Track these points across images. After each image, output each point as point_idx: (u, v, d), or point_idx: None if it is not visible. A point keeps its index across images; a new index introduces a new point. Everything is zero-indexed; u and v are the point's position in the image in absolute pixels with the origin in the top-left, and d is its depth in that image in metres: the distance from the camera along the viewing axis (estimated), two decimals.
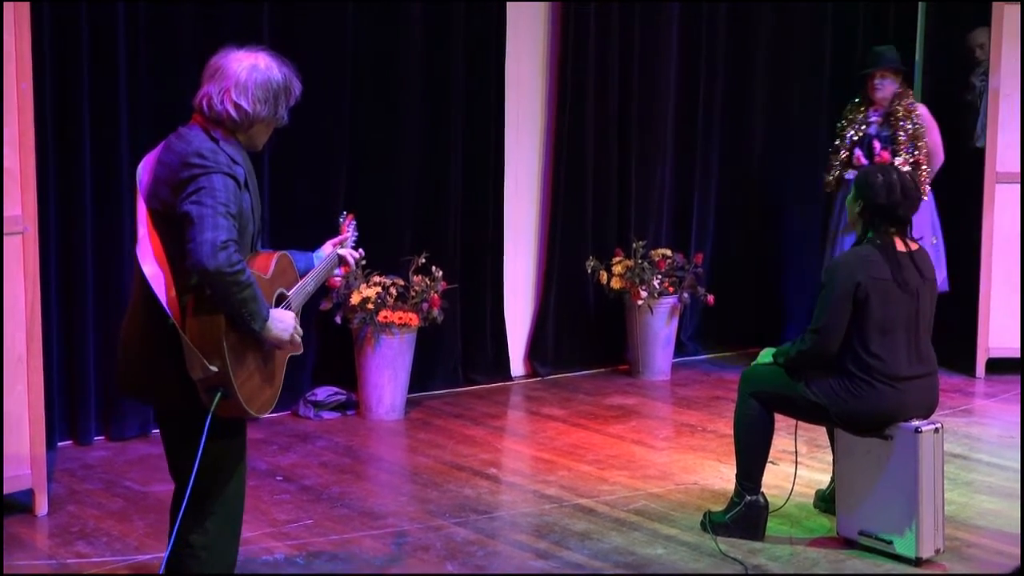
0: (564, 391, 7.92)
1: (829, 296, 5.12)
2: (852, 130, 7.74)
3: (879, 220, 5.19)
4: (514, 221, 8.14)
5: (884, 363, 5.09)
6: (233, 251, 3.69)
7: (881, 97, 7.71)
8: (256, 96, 3.87)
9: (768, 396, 5.32)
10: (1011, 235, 8.22)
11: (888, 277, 5.11)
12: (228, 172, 3.79)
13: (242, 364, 3.84)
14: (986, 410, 7.64)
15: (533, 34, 8.15)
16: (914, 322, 5.17)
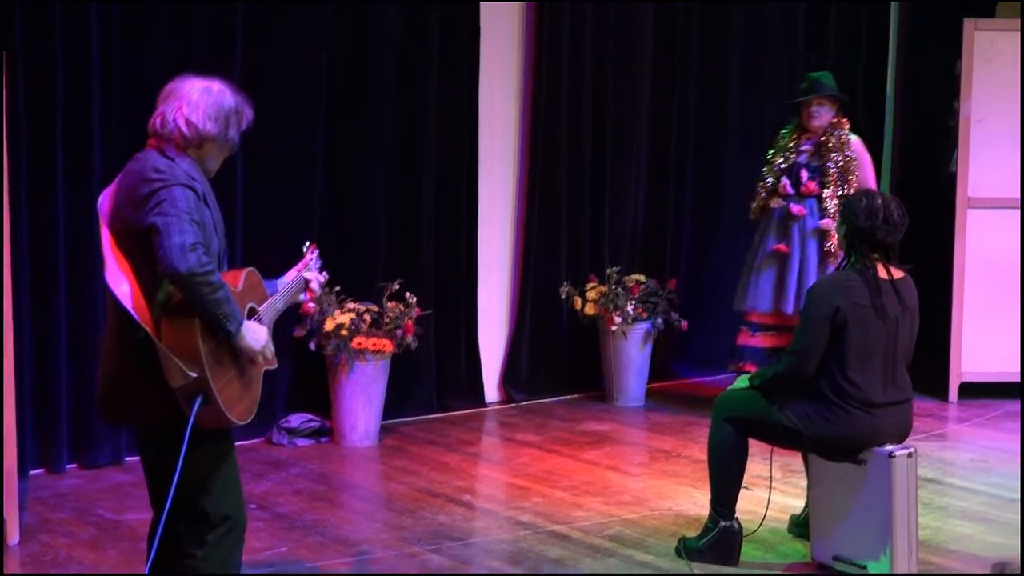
0: (538, 417, 7.93)
1: (808, 319, 5.14)
2: (781, 158, 7.54)
3: (860, 244, 5.19)
4: (488, 247, 8.16)
5: (860, 389, 5.11)
6: (202, 252, 3.79)
7: (817, 125, 7.47)
8: (207, 114, 3.99)
9: (742, 421, 5.33)
10: (983, 260, 8.28)
11: (867, 303, 5.11)
12: (186, 184, 3.89)
13: (221, 370, 3.91)
14: (959, 435, 7.67)
15: (506, 62, 8.18)
16: (891, 350, 5.18)
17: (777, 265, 7.49)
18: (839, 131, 7.46)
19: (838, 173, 7.40)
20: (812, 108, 7.44)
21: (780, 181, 7.49)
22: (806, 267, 7.43)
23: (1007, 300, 8.29)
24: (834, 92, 7.48)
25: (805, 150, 7.51)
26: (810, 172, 7.44)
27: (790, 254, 7.45)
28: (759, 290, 7.54)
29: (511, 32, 8.20)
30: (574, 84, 8.30)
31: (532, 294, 8.26)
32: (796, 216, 7.45)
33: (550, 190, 8.27)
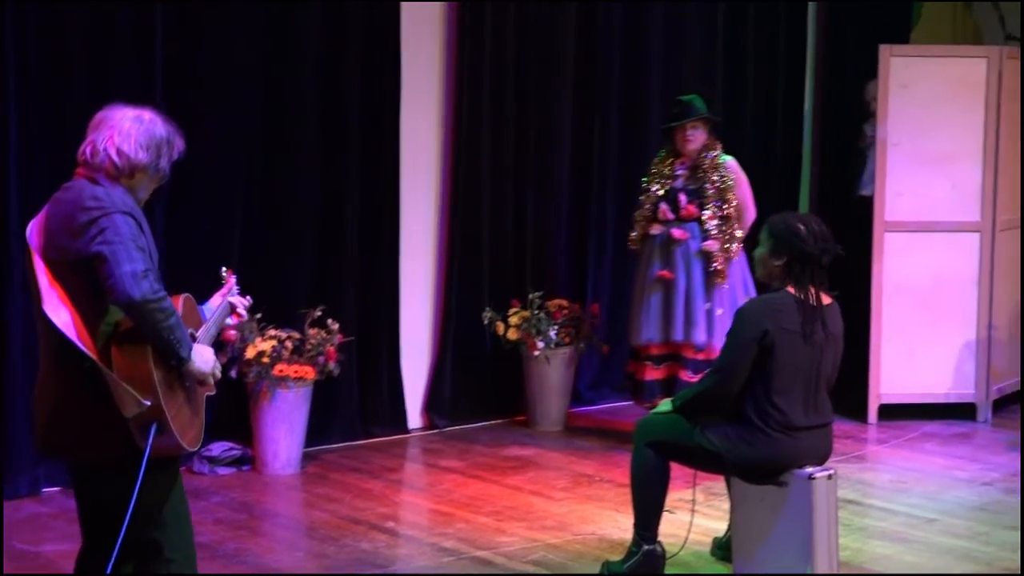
0: (462, 443, 7.92)
1: (735, 339, 5.16)
2: (657, 184, 7.47)
3: (805, 269, 5.17)
4: (410, 272, 8.14)
5: (782, 413, 5.13)
6: (153, 279, 3.78)
7: (692, 149, 7.41)
8: (139, 143, 3.96)
9: (664, 446, 5.35)
10: (900, 283, 8.37)
11: (796, 329, 5.12)
12: (125, 211, 3.87)
13: (172, 397, 3.87)
14: (878, 456, 7.74)
15: (428, 83, 8.18)
16: (815, 375, 5.21)
17: (663, 292, 7.44)
18: (712, 153, 7.43)
19: (716, 194, 7.36)
20: (686, 132, 7.40)
21: (659, 207, 7.44)
22: (692, 291, 7.38)
23: (924, 322, 8.39)
24: (706, 115, 7.44)
25: (681, 174, 7.46)
26: (688, 195, 7.39)
27: (675, 280, 7.40)
28: (650, 320, 7.48)
29: (433, 35, 8.21)
30: (497, 107, 8.30)
31: (455, 319, 8.25)
32: (678, 240, 7.39)
33: (472, 214, 8.27)
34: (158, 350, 3.82)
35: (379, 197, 7.87)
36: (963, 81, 8.33)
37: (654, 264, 7.48)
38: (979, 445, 7.93)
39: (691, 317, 7.37)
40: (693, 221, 7.40)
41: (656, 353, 7.53)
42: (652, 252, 7.49)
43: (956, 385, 8.46)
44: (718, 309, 7.37)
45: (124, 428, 3.81)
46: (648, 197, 7.50)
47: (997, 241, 8.41)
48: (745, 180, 7.54)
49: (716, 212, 7.36)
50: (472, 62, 8.19)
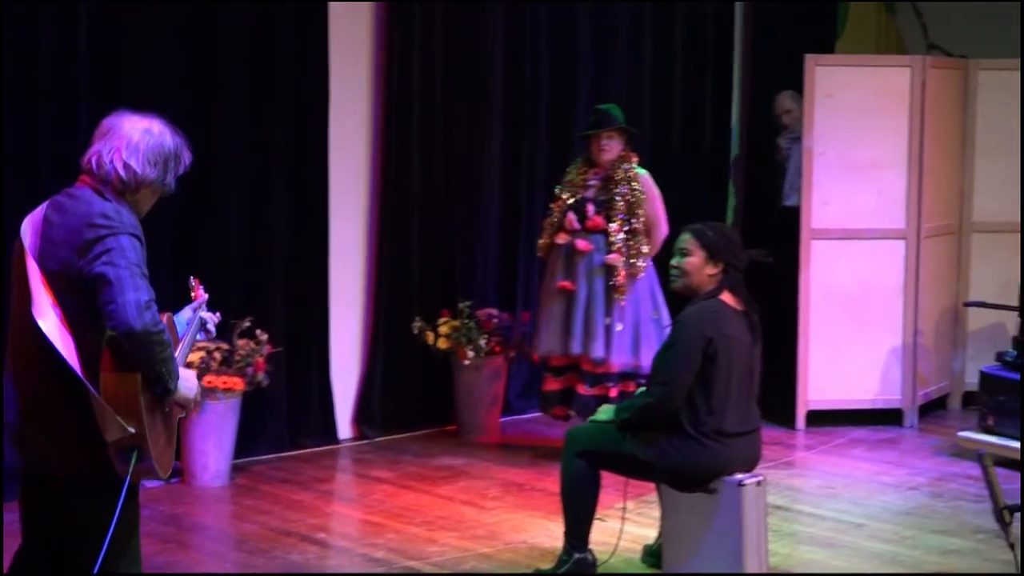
0: (392, 453, 7.88)
1: (679, 350, 5.17)
2: (568, 193, 7.40)
3: (738, 277, 5.28)
4: (340, 283, 8.09)
5: (718, 420, 5.17)
6: (155, 311, 3.69)
7: (606, 159, 7.34)
8: (147, 158, 3.87)
9: (594, 455, 5.37)
10: (827, 291, 8.44)
11: (734, 334, 5.19)
12: (133, 233, 3.78)
13: (153, 424, 3.79)
14: (807, 462, 7.79)
15: (357, 87, 8.15)
16: (747, 380, 5.27)
17: (563, 303, 7.38)
18: (627, 165, 7.36)
19: (625, 207, 7.28)
20: (602, 141, 7.33)
21: (566, 216, 7.36)
22: (593, 305, 7.30)
23: (851, 329, 8.46)
24: (623, 125, 7.37)
25: (592, 184, 7.40)
26: (596, 206, 7.31)
27: (576, 292, 7.34)
28: (550, 331, 7.43)
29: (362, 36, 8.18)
30: (426, 117, 8.29)
31: (385, 329, 8.22)
32: (582, 252, 7.32)
33: (402, 223, 8.24)
34: (147, 378, 3.74)
35: (308, 206, 7.83)
36: (887, 90, 8.43)
37: (557, 274, 7.43)
38: (905, 450, 8.01)
39: (591, 330, 7.30)
40: (599, 233, 7.33)
41: (556, 364, 7.50)
42: (557, 262, 7.44)
43: (883, 391, 8.54)
44: (618, 325, 7.27)
45: (103, 447, 3.71)
46: (558, 205, 7.43)
47: (922, 248, 8.50)
48: (658, 195, 7.45)
49: (623, 225, 7.28)
50: (401, 65, 8.16)
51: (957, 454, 7.75)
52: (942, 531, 6.39)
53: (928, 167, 8.48)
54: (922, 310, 8.56)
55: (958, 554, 6.07)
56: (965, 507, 6.77)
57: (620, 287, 7.26)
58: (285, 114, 7.67)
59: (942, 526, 6.46)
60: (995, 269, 8.82)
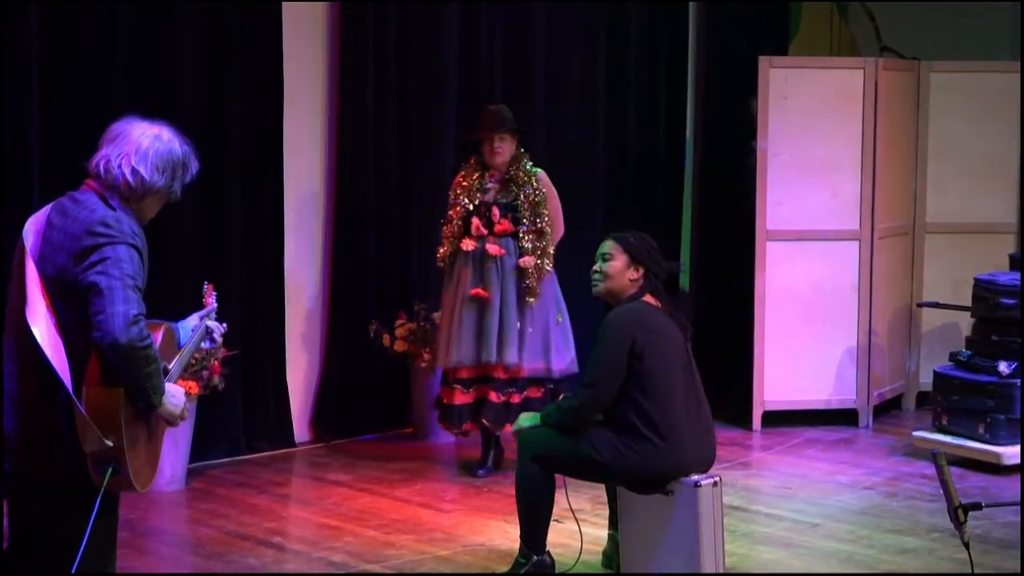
0: (349, 456, 7.86)
1: (603, 351, 5.24)
2: (466, 198, 7.19)
3: (657, 283, 5.39)
4: (296, 284, 8.08)
5: (665, 413, 5.20)
6: (144, 325, 3.67)
7: (500, 161, 7.16)
8: (156, 165, 3.87)
9: (549, 459, 5.38)
10: (781, 292, 8.46)
11: (662, 330, 5.26)
12: (132, 243, 3.76)
13: (134, 440, 3.78)
14: (763, 462, 7.82)
15: (311, 86, 8.13)
16: (689, 373, 5.33)
17: (476, 311, 7.19)
18: (522, 164, 7.23)
19: (530, 208, 7.16)
20: (494, 144, 7.15)
21: (471, 221, 7.17)
22: (508, 310, 7.15)
23: (806, 330, 8.50)
24: (514, 125, 7.22)
25: (492, 187, 7.22)
26: (502, 209, 7.17)
27: (490, 298, 7.17)
28: (462, 341, 7.19)
29: (315, 34, 8.16)
30: (380, 107, 8.24)
31: (341, 331, 8.19)
32: (494, 256, 7.16)
33: (357, 225, 8.21)
34: (130, 391, 3.73)
35: (262, 207, 7.80)
36: (841, 92, 8.47)
37: (465, 282, 7.20)
38: (860, 450, 8.05)
39: (504, 337, 7.14)
40: (507, 236, 7.19)
41: (466, 376, 7.26)
42: (463, 269, 7.21)
43: (838, 391, 8.58)
44: (529, 328, 7.17)
45: (81, 455, 3.70)
46: (456, 212, 7.21)
47: (876, 249, 8.54)
48: (555, 194, 7.36)
49: (531, 227, 7.17)
50: (355, 64, 8.14)
51: (912, 454, 7.79)
52: (897, 530, 6.42)
53: (881, 168, 8.53)
54: (876, 310, 8.60)
55: (913, 553, 6.11)
56: (920, 506, 6.80)
57: (533, 290, 7.16)
58: (238, 113, 7.63)
59: (897, 525, 6.50)
60: (948, 269, 8.87)
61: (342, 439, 8.17)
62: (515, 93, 8.80)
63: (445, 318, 7.34)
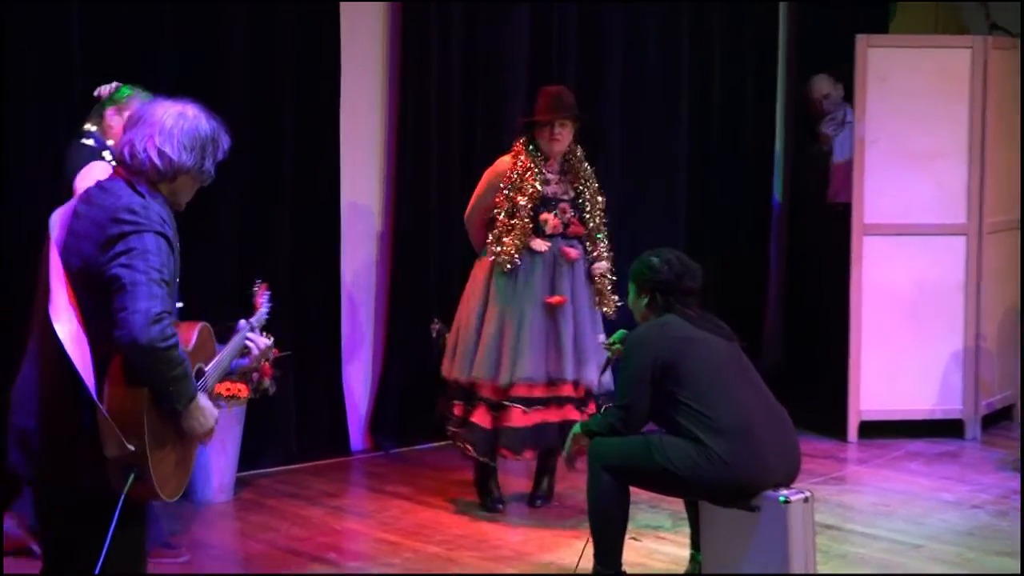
0: (409, 466, 7.88)
1: (627, 372, 5.42)
2: (523, 191, 6.79)
3: (670, 299, 5.53)
4: (352, 280, 8.09)
5: (730, 416, 5.24)
6: (167, 324, 3.67)
7: (559, 150, 6.87)
8: (182, 143, 3.89)
9: (622, 470, 5.40)
10: (880, 291, 8.40)
11: (692, 335, 5.41)
12: (160, 231, 3.78)
13: (160, 444, 3.78)
14: (859, 477, 7.76)
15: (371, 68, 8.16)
16: (747, 378, 5.43)
17: (548, 321, 6.87)
18: (579, 156, 6.97)
19: (593, 206, 6.92)
20: (555, 129, 6.84)
21: (539, 218, 6.83)
22: (582, 320, 6.91)
23: (907, 333, 8.42)
24: (577, 112, 6.94)
25: (552, 179, 6.92)
26: (573, 208, 6.91)
27: (564, 307, 6.87)
28: (533, 355, 6.81)
29: (375, 34, 8.21)
30: (444, 103, 8.27)
31: (401, 331, 8.19)
32: (572, 260, 6.89)
33: (420, 216, 8.21)
34: (154, 394, 3.73)
35: (317, 197, 7.83)
36: (945, 73, 8.39)
37: (532, 287, 6.86)
38: (967, 464, 7.96)
39: (582, 352, 6.89)
40: (578, 238, 6.93)
41: (526, 394, 6.85)
42: (528, 273, 6.85)
43: (942, 400, 8.50)
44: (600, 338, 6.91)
45: (103, 461, 3.72)
46: (520, 204, 6.83)
47: (985, 244, 8.45)
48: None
49: (598, 227, 6.95)
50: (418, 69, 8.17)
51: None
52: (1007, 552, 6.34)
53: (991, 156, 8.43)
54: (984, 311, 8.51)
55: None
56: None
57: (607, 299, 6.95)
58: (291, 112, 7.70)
59: (1007, 547, 6.41)
60: None
61: (401, 447, 8.19)
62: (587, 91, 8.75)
63: (495, 328, 6.86)
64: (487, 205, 6.95)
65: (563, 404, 6.88)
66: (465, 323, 6.96)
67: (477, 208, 7.04)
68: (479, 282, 6.96)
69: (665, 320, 5.47)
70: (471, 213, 7.10)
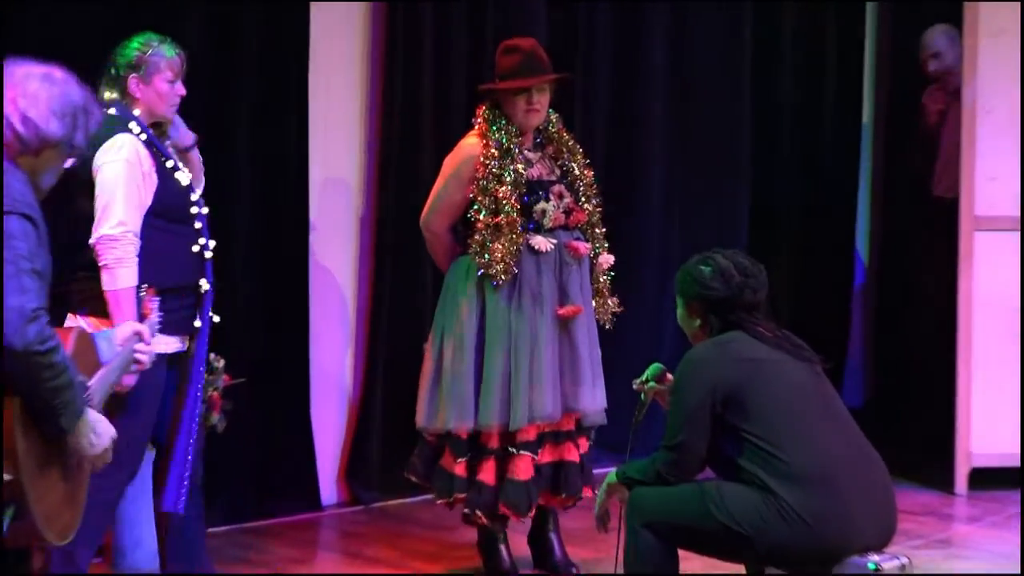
0: (395, 523, 7.91)
1: (680, 406, 5.34)
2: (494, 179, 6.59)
3: (730, 318, 5.43)
4: (324, 292, 8.12)
5: (806, 455, 5.15)
6: (45, 322, 3.78)
7: (537, 123, 6.77)
8: (51, 108, 4.04)
9: (668, 527, 5.35)
10: (994, 301, 8.36)
11: (761, 356, 5.34)
12: (26, 213, 3.87)
13: (41, 474, 3.87)
14: (969, 539, 7.74)
15: (347, 56, 8.26)
16: (830, 409, 5.36)
17: (562, 340, 6.79)
18: (555, 124, 6.89)
19: (585, 186, 6.83)
20: (533, 97, 6.68)
21: (537, 208, 6.68)
22: (591, 333, 6.86)
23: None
24: (559, 72, 6.87)
25: (534, 158, 6.81)
26: (569, 190, 6.81)
27: (578, 319, 6.78)
28: (551, 387, 6.69)
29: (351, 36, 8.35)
30: (441, 79, 8.41)
31: (384, 357, 8.20)
32: (580, 256, 6.79)
33: (409, 218, 7.93)
34: (33, 411, 3.81)
35: (283, 188, 7.93)
36: None
37: (540, 299, 6.73)
38: None
39: (595, 373, 6.87)
40: (578, 227, 6.85)
41: (534, 436, 6.76)
42: (530, 282, 6.72)
43: None
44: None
45: None
46: (497, 199, 6.64)
47: None
48: None
49: (597, 206, 6.87)
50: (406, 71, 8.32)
51: None
52: None
53: None
54: None
55: None
56: None
57: (607, 302, 6.90)
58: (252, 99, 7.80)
59: None
60: None
61: (384, 500, 8.20)
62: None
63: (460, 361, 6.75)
64: (454, 203, 6.76)
65: (562, 441, 6.80)
66: (453, 359, 6.79)
67: (439, 209, 6.85)
68: (463, 305, 6.77)
69: (729, 338, 5.41)
70: (429, 216, 6.91)
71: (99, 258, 5.65)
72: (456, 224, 6.84)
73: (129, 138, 5.70)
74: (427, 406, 6.84)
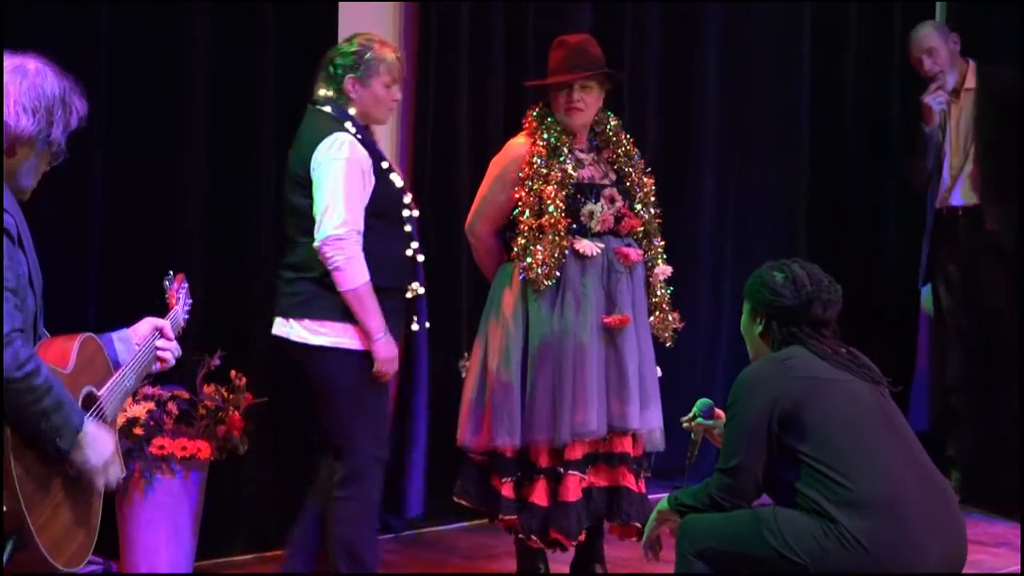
0: (433, 552, 7.97)
1: (737, 426, 5.33)
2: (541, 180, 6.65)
3: (792, 330, 5.44)
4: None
5: (868, 479, 5.12)
6: (20, 345, 3.78)
7: (582, 122, 6.80)
8: (21, 104, 4.02)
9: (721, 556, 5.33)
10: None
11: (822, 375, 5.33)
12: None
13: (43, 498, 3.87)
14: None
15: None
16: (895, 432, 5.33)
17: (608, 351, 6.78)
18: (611, 127, 6.93)
19: (643, 191, 6.88)
20: (574, 95, 6.72)
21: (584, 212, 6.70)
22: (646, 349, 6.86)
23: None
24: (606, 68, 6.84)
25: (585, 160, 6.86)
26: (623, 196, 6.84)
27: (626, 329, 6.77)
28: (596, 400, 6.68)
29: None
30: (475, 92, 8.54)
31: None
32: (632, 264, 6.80)
33: (445, 221, 8.24)
34: (24, 436, 3.82)
35: None
36: None
37: (585, 307, 6.73)
38: None
39: (647, 391, 6.85)
40: (631, 234, 6.85)
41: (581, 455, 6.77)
42: (575, 288, 6.73)
43: None
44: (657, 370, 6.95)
45: None
46: (543, 199, 6.66)
47: None
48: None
49: (655, 219, 6.90)
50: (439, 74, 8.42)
51: None
52: None
53: None
54: None
55: None
56: None
57: (668, 317, 6.95)
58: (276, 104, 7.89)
59: None
60: None
61: (423, 528, 8.30)
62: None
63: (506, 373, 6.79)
64: (499, 206, 6.81)
65: (616, 464, 6.72)
66: (498, 372, 6.82)
67: (484, 212, 6.91)
68: (507, 314, 6.80)
69: (788, 354, 5.41)
70: (474, 220, 6.97)
71: (327, 261, 5.91)
72: (503, 230, 6.84)
73: (348, 137, 5.97)
74: (471, 422, 6.85)
